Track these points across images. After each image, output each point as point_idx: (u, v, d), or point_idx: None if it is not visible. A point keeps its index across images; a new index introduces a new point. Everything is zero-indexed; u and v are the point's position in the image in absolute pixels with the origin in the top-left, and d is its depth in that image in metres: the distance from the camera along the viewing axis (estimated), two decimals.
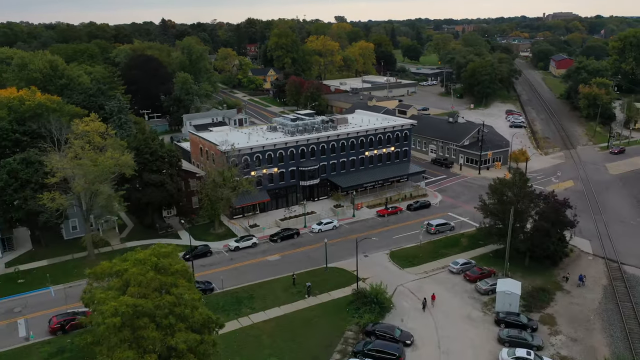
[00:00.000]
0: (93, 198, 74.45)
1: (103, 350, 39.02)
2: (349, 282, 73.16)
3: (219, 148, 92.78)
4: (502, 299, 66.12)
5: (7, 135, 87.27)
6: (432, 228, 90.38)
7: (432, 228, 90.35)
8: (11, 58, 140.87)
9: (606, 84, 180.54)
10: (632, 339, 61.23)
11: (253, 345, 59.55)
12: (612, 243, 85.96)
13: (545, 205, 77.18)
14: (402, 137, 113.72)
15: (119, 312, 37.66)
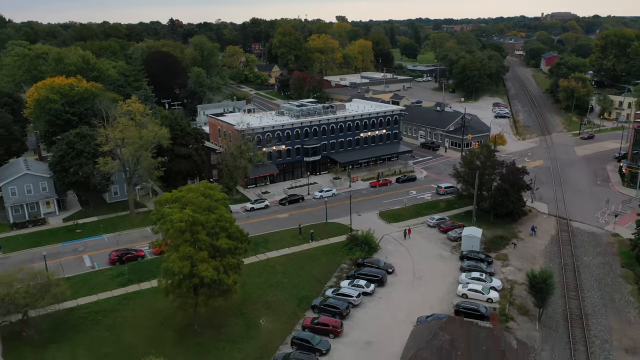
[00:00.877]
0: (137, 164, 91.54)
1: (171, 248, 56.04)
2: (344, 232, 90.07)
3: (235, 127, 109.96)
4: (466, 241, 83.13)
5: (60, 115, 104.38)
6: (441, 190, 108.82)
7: (442, 190, 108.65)
8: (46, 54, 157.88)
9: (583, 78, 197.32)
10: (565, 269, 78.12)
11: (269, 272, 76.66)
12: (565, 206, 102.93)
13: (506, 170, 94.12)
14: (392, 121, 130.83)
15: (183, 219, 54.61)
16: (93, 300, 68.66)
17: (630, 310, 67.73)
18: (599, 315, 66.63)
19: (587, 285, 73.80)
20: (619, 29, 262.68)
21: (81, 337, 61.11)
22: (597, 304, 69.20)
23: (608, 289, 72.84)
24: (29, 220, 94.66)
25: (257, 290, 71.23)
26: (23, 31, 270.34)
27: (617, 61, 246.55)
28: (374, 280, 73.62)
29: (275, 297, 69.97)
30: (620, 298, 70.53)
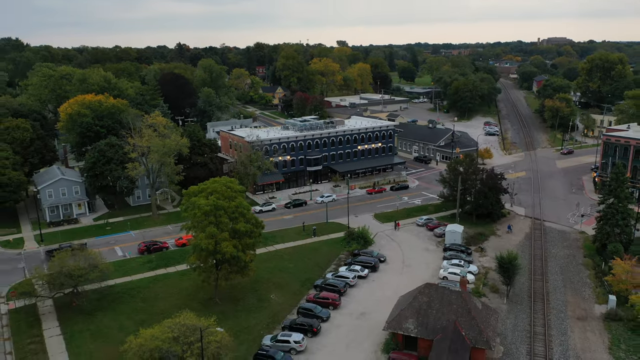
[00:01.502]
0: (160, 169, 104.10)
1: (198, 229, 68.10)
2: (343, 230, 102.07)
3: (246, 139, 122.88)
4: (449, 235, 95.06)
5: (90, 128, 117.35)
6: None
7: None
8: (69, 74, 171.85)
9: (567, 98, 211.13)
10: (534, 258, 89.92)
11: (278, 260, 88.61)
12: (541, 209, 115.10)
13: (485, 176, 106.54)
14: (387, 135, 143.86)
15: (208, 204, 66.84)
16: (128, 280, 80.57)
17: (586, 289, 79.40)
18: (559, 292, 78.32)
19: (551, 271, 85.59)
20: (604, 53, 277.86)
21: (121, 307, 72.84)
22: (558, 285, 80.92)
23: (569, 274, 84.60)
24: (63, 219, 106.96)
25: (268, 274, 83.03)
26: (41, 54, 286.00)
27: (602, 83, 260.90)
28: (368, 266, 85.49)
29: (283, 279, 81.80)
30: (579, 280, 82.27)
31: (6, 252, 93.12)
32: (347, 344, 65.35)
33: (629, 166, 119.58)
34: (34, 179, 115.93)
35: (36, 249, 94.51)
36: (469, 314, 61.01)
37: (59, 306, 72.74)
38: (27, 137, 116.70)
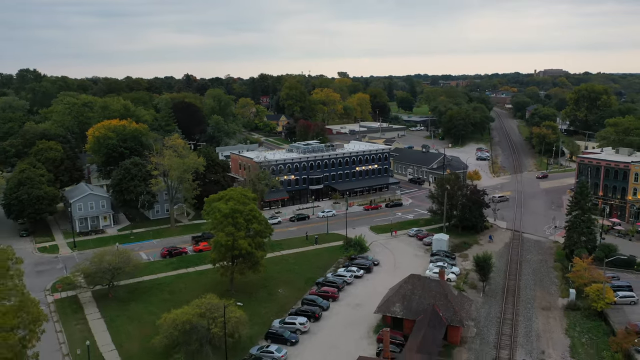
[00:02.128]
0: (179, 185, 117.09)
1: (218, 229, 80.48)
2: (342, 239, 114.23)
3: (254, 160, 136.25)
4: (436, 243, 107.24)
5: (115, 149, 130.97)
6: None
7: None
8: (91, 102, 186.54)
9: (553, 126, 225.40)
10: (511, 262, 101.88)
11: (284, 263, 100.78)
12: (521, 223, 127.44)
13: (469, 192, 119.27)
14: (383, 158, 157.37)
15: (228, 208, 79.41)
16: (155, 277, 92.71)
17: (553, 287, 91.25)
18: (529, 289, 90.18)
19: (524, 272, 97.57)
20: (590, 85, 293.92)
21: (151, 298, 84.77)
22: (529, 283, 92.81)
23: (540, 275, 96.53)
24: (91, 229, 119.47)
25: (276, 273, 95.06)
26: (58, 85, 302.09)
27: (589, 112, 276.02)
28: (363, 268, 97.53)
29: (289, 277, 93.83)
30: (548, 280, 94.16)
31: (44, 256, 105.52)
32: (344, 326, 77.03)
33: (600, 184, 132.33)
34: (64, 194, 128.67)
35: (69, 254, 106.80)
36: (445, 299, 72.91)
37: (97, 297, 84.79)
38: (58, 157, 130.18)
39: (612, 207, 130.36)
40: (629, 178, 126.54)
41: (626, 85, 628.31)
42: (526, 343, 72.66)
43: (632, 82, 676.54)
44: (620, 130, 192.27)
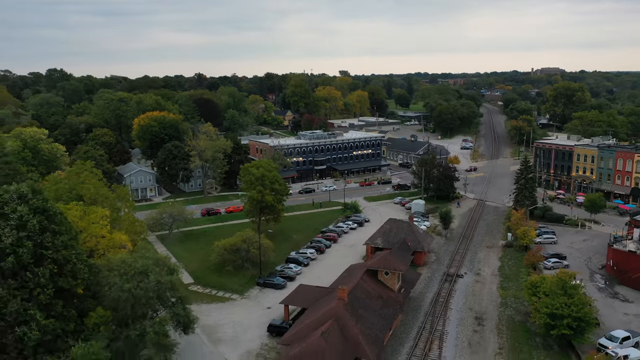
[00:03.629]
0: (212, 162, 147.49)
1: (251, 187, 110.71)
2: (341, 205, 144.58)
3: (270, 144, 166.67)
4: (414, 206, 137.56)
5: (158, 135, 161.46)
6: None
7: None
8: (126, 99, 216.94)
9: (529, 119, 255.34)
10: (471, 220, 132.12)
11: (296, 219, 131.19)
12: (486, 195, 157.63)
13: (442, 168, 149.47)
14: (375, 144, 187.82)
15: (258, 172, 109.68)
16: (200, 227, 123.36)
17: (498, 234, 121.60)
18: (480, 235, 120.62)
19: (480, 226, 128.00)
20: (567, 83, 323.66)
21: (200, 239, 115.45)
22: (481, 232, 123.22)
23: (491, 227, 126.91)
24: (141, 198, 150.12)
25: (290, 226, 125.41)
26: (84, 83, 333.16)
27: (565, 107, 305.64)
28: (357, 223, 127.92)
29: (300, 228, 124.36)
30: (496, 230, 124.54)
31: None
32: (341, 256, 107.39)
33: (552, 164, 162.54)
34: (118, 171, 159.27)
35: None
36: (413, 234, 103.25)
37: (160, 238, 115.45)
38: (112, 142, 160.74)
39: (561, 181, 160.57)
40: (573, 158, 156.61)
41: (618, 83, 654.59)
42: (469, 265, 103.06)
43: (624, 81, 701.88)
44: (585, 123, 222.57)
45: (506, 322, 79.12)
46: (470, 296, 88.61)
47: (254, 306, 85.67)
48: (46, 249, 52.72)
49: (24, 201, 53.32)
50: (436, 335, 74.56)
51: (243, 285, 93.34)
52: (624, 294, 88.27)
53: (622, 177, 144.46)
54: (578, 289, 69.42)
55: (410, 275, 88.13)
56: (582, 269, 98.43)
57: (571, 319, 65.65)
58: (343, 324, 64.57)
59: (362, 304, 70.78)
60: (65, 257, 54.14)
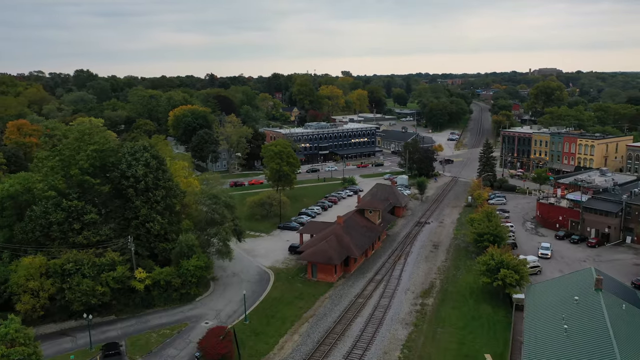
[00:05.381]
0: (237, 146, 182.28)
1: (270, 161, 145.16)
2: (341, 179, 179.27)
3: (282, 133, 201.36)
4: (399, 180, 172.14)
5: (190, 124, 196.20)
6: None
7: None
8: (156, 96, 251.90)
9: (508, 114, 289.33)
10: (445, 190, 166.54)
11: (304, 189, 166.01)
12: (460, 173, 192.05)
13: (423, 151, 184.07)
14: (370, 134, 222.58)
15: (276, 149, 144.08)
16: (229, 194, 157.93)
17: (462, 199, 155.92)
18: (449, 200, 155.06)
19: (450, 194, 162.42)
20: (547, 82, 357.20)
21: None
22: (450, 198, 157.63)
23: (458, 195, 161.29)
24: None
25: (300, 193, 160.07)
26: (109, 83, 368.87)
27: (545, 105, 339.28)
28: (353, 192, 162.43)
29: (308, 195, 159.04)
30: (461, 197, 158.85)
31: None
32: (340, 213, 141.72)
33: (515, 148, 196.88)
34: None
35: None
36: (394, 194, 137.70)
37: None
38: (152, 130, 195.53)
39: (522, 162, 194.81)
40: (531, 144, 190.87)
41: (611, 83, 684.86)
42: (436, 217, 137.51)
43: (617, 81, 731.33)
44: (555, 117, 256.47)
45: (453, 247, 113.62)
46: (432, 234, 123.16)
47: (277, 240, 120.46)
48: (159, 180, 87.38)
49: (146, 151, 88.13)
50: (404, 253, 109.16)
51: (268, 228, 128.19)
52: (542, 232, 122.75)
53: (569, 158, 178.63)
54: (496, 218, 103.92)
55: (388, 217, 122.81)
56: (519, 218, 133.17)
57: (490, 235, 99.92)
58: (340, 237, 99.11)
59: (353, 228, 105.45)
60: (169, 186, 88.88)
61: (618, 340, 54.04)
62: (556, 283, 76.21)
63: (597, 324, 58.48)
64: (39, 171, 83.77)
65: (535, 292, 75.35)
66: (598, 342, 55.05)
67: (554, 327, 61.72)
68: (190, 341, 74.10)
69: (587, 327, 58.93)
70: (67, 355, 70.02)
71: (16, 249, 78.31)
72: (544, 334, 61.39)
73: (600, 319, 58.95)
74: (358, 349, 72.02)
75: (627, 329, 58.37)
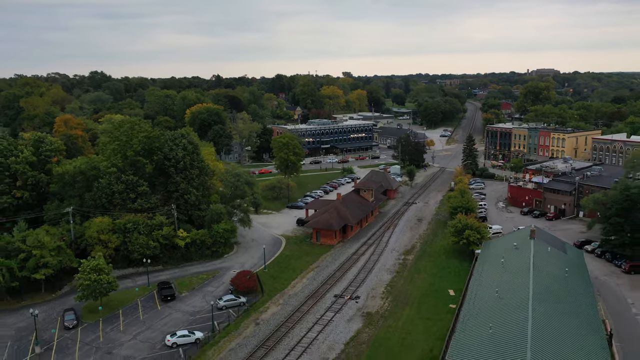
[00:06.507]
0: (248, 140, 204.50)
1: (279, 150, 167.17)
2: (341, 169, 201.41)
3: (288, 128, 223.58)
4: (393, 169, 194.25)
5: (206, 120, 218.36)
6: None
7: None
8: (171, 95, 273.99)
9: (497, 112, 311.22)
10: (432, 179, 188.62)
11: (309, 177, 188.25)
12: (447, 164, 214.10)
13: (415, 144, 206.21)
14: (368, 129, 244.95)
15: (284, 141, 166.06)
16: None
17: (447, 185, 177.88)
18: (435, 186, 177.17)
19: (436, 181, 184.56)
20: (535, 82, 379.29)
21: None
22: (436, 184, 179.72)
23: (444, 182, 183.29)
24: None
25: (306, 181, 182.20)
26: (123, 83, 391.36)
27: (533, 103, 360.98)
28: (351, 179, 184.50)
29: (312, 182, 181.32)
30: (447, 183, 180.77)
31: None
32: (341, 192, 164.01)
33: (498, 142, 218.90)
34: None
35: None
36: (386, 179, 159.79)
37: None
38: (171, 125, 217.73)
39: (504, 154, 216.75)
40: (511, 138, 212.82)
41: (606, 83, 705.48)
42: (422, 199, 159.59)
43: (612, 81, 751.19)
44: (539, 114, 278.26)
45: (434, 221, 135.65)
46: (418, 211, 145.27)
47: (287, 216, 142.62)
48: (194, 161, 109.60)
49: (184, 137, 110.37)
50: (393, 225, 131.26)
51: (279, 207, 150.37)
52: (511, 210, 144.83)
53: (544, 150, 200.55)
54: (468, 194, 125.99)
55: (381, 197, 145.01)
56: (493, 199, 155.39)
57: (462, 208, 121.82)
58: (339, 209, 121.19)
59: (350, 203, 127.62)
60: (202, 166, 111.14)
61: (535, 268, 76.08)
62: (504, 238, 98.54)
63: (524, 259, 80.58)
64: (103, 153, 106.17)
65: (488, 245, 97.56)
66: (521, 269, 77.13)
67: (494, 265, 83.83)
68: (223, 282, 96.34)
69: (517, 261, 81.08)
70: (132, 289, 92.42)
71: (87, 213, 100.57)
72: (487, 270, 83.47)
73: (527, 256, 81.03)
74: (352, 286, 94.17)
75: (545, 260, 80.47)
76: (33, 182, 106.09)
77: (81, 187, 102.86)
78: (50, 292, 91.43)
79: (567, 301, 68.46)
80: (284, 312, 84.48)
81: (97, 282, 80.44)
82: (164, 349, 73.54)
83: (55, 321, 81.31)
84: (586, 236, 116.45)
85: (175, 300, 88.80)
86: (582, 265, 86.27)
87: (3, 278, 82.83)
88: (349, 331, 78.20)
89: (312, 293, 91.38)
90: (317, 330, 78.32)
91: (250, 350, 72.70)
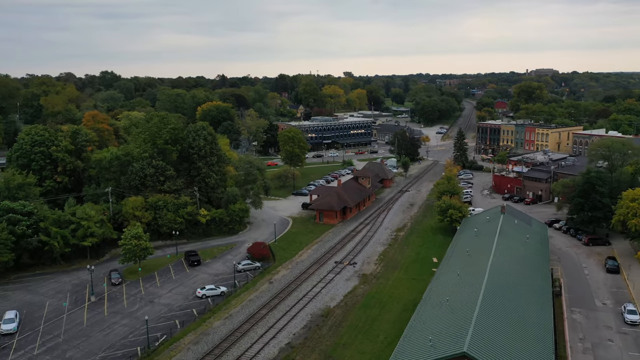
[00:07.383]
0: (255, 135, 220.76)
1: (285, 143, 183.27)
2: (341, 162, 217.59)
3: (292, 125, 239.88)
4: (389, 162, 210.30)
5: (216, 117, 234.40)
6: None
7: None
8: (181, 94, 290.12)
9: (490, 110, 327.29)
10: (426, 170, 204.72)
11: (312, 169, 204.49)
12: (441, 158, 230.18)
13: (410, 139, 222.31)
14: (367, 126, 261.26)
15: (290, 135, 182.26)
16: None
17: (439, 176, 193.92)
18: (428, 176, 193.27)
19: (429, 173, 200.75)
20: (528, 82, 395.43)
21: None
22: (430, 175, 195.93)
23: (436, 173, 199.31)
24: None
25: (309, 172, 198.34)
26: (132, 83, 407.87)
27: (526, 102, 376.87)
28: (351, 170, 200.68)
29: (315, 173, 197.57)
30: (438, 175, 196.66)
31: None
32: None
33: (488, 137, 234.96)
34: None
35: None
36: (382, 170, 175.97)
37: None
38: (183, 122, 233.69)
39: (493, 149, 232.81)
40: (500, 133, 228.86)
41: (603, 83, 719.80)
42: (415, 187, 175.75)
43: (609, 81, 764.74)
44: (530, 112, 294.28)
45: (425, 205, 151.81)
46: (410, 198, 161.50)
47: (293, 201, 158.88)
48: (214, 149, 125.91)
49: (204, 129, 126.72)
50: (387, 208, 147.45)
51: (285, 194, 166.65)
52: (494, 196, 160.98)
53: (529, 144, 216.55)
54: (453, 180, 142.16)
55: (377, 184, 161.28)
56: (480, 187, 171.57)
57: (448, 192, 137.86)
58: (339, 194, 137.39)
59: (349, 188, 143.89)
60: (220, 153, 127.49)
61: (500, 234, 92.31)
62: (480, 214, 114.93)
63: (493, 228, 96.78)
64: (135, 141, 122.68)
65: (467, 221, 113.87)
66: (489, 235, 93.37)
67: (469, 234, 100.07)
68: (240, 252, 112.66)
69: (487, 230, 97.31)
70: (164, 257, 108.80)
71: (122, 193, 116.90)
72: (463, 238, 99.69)
73: (496, 226, 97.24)
74: (351, 255, 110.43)
75: (511, 229, 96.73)
76: (71, 167, 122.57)
77: (116, 171, 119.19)
78: (95, 258, 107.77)
79: (522, 254, 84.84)
80: (292, 274, 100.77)
81: (137, 247, 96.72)
82: (196, 299, 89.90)
83: (102, 280, 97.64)
84: (557, 217, 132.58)
85: (200, 265, 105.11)
86: (544, 235, 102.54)
87: (58, 244, 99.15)
88: (347, 287, 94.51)
89: (316, 260, 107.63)
90: (320, 286, 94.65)
91: (266, 300, 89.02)
